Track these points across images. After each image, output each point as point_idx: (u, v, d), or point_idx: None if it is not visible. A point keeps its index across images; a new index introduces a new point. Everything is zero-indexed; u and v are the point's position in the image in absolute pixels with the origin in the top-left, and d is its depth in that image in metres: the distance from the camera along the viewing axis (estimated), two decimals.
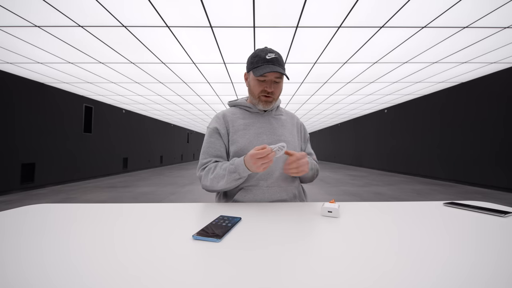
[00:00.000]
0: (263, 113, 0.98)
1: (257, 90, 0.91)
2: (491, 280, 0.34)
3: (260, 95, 0.91)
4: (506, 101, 4.52)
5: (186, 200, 4.11)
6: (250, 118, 0.96)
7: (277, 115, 1.01)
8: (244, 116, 0.97)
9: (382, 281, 0.34)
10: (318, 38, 3.23)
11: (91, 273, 0.36)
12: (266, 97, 0.91)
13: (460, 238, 0.51)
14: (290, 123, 1.02)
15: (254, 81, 0.91)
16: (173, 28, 2.93)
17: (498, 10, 2.55)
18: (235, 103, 1.01)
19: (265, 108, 0.94)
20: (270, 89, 0.89)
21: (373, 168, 9.66)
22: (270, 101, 0.92)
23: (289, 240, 0.50)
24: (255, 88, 0.91)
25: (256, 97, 0.92)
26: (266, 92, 0.90)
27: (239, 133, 0.92)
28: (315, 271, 0.37)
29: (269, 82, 0.89)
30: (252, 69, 0.90)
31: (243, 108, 1.00)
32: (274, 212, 0.72)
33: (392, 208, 0.77)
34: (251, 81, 0.93)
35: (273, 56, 0.87)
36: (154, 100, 7.04)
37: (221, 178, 0.82)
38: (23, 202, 3.87)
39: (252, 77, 0.91)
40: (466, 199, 3.95)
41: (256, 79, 0.90)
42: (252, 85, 0.92)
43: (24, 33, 3.01)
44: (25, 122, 4.87)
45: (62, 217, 0.67)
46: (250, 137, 0.91)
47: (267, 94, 0.90)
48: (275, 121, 0.98)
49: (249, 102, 1.00)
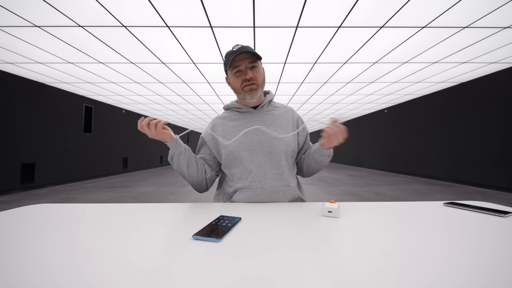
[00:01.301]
0: (253, 111, 0.96)
1: (237, 83, 0.90)
2: (491, 280, 0.34)
3: (242, 86, 0.89)
4: (506, 101, 4.52)
5: (186, 200, 4.11)
6: (240, 119, 0.95)
7: (269, 111, 0.98)
8: (235, 117, 0.96)
9: (382, 281, 0.34)
10: (318, 38, 3.23)
11: (91, 273, 0.36)
12: (248, 86, 0.88)
13: (460, 238, 0.51)
14: (285, 118, 0.98)
15: (233, 77, 0.90)
16: (173, 28, 2.93)
17: (498, 10, 2.55)
18: (228, 106, 1.01)
19: (252, 98, 0.90)
20: (248, 75, 0.87)
21: (373, 168, 9.66)
22: (254, 88, 0.89)
23: (289, 240, 0.50)
24: (236, 83, 0.91)
25: (240, 90, 0.90)
26: (245, 80, 0.88)
27: (228, 136, 0.92)
28: (315, 271, 0.37)
29: (245, 70, 0.88)
30: (227, 68, 0.91)
31: (234, 110, 0.99)
32: (274, 212, 0.72)
33: (392, 208, 0.77)
34: (231, 80, 0.93)
35: (239, 46, 0.87)
36: (154, 100, 7.04)
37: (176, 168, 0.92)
38: (23, 202, 3.87)
39: (230, 75, 0.91)
40: (466, 199, 3.95)
41: (233, 75, 0.90)
42: (233, 82, 0.92)
43: (24, 33, 3.00)
44: (25, 122, 4.87)
45: (62, 217, 0.67)
46: (239, 137, 0.89)
47: (247, 82, 0.88)
48: (267, 118, 0.95)
49: (238, 103, 0.99)
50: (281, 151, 0.89)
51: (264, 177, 0.87)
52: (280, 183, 0.88)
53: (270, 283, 0.34)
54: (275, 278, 0.35)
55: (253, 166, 0.87)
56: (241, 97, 0.93)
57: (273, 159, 0.88)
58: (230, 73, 0.91)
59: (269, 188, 0.86)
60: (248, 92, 0.89)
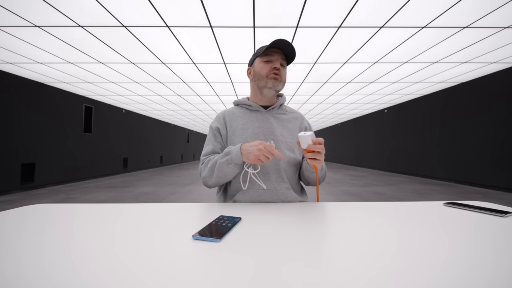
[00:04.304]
0: (263, 110, 0.96)
1: (265, 69, 0.90)
2: (491, 280, 0.34)
3: (268, 73, 0.90)
4: (506, 101, 4.52)
5: (186, 200, 4.11)
6: (249, 117, 0.95)
7: (279, 114, 0.98)
8: (244, 115, 0.96)
9: (382, 281, 0.34)
10: (318, 38, 3.23)
11: (91, 273, 0.36)
12: (275, 75, 0.90)
13: (460, 238, 0.51)
14: (293, 123, 0.98)
15: (261, 64, 0.91)
16: (173, 28, 2.93)
17: (498, 10, 2.55)
18: (238, 102, 1.01)
19: (273, 88, 0.91)
20: (278, 65, 0.89)
21: (373, 168, 9.66)
22: (279, 80, 0.90)
23: (289, 240, 0.50)
24: (262, 70, 0.91)
25: (265, 77, 0.90)
26: (275, 69, 0.89)
27: (236, 133, 0.92)
28: (315, 271, 0.37)
29: (276, 62, 0.90)
30: (257, 56, 0.91)
31: (244, 107, 0.99)
32: (274, 212, 0.72)
33: (392, 208, 0.77)
34: (256, 67, 0.93)
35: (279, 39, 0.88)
36: (154, 100, 7.04)
37: (214, 164, 0.84)
38: (23, 202, 3.87)
39: (258, 62, 0.92)
40: (466, 199, 3.96)
41: (262, 62, 0.91)
42: (259, 68, 0.92)
43: (24, 33, 3.01)
44: (25, 122, 4.87)
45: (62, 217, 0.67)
46: (247, 137, 0.90)
47: (275, 71, 0.89)
48: (275, 121, 0.95)
49: (250, 100, 0.99)
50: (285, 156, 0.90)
51: (268, 179, 0.87)
52: (283, 186, 0.88)
53: (270, 283, 0.34)
54: (275, 278, 0.35)
55: (257, 166, 0.88)
56: (261, 86, 0.93)
57: (277, 162, 0.89)
58: (259, 61, 0.92)
59: (271, 190, 0.87)
60: (272, 79, 0.90)
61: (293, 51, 0.90)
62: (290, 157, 0.90)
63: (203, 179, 0.88)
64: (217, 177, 0.84)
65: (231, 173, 0.84)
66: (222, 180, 0.86)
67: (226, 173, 0.83)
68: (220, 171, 0.82)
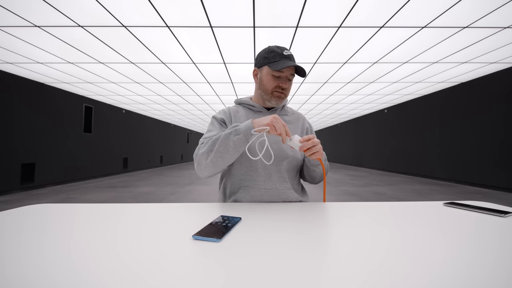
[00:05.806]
0: (266, 111, 0.96)
1: (271, 85, 0.89)
2: (491, 280, 0.34)
3: (273, 90, 0.90)
4: (506, 101, 4.52)
5: (186, 200, 4.11)
6: (252, 117, 0.95)
7: (281, 115, 0.99)
8: (247, 115, 0.96)
9: (382, 281, 0.34)
10: (318, 38, 3.23)
11: (92, 273, 0.36)
12: (279, 93, 0.90)
13: (460, 238, 0.51)
14: (295, 125, 0.99)
15: (269, 76, 0.89)
16: (173, 28, 2.93)
17: (498, 10, 2.55)
18: (240, 101, 1.01)
19: (277, 105, 0.93)
20: (285, 85, 0.88)
21: (373, 168, 9.66)
22: (282, 98, 0.91)
23: (289, 240, 0.50)
24: (269, 84, 0.90)
25: (270, 92, 0.90)
26: (280, 88, 0.89)
27: None
28: (315, 271, 0.37)
29: (285, 78, 0.89)
30: (268, 64, 0.87)
31: (247, 107, 0.99)
32: (274, 212, 0.72)
33: (392, 208, 0.77)
34: (264, 76, 0.91)
35: (290, 53, 0.88)
36: (154, 100, 7.04)
37: (217, 139, 0.78)
38: (23, 202, 3.87)
39: (267, 72, 0.90)
40: (466, 199, 3.96)
41: (271, 74, 0.89)
42: (266, 80, 0.90)
43: (24, 33, 3.01)
44: (25, 122, 4.87)
45: (62, 217, 0.67)
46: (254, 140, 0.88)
47: (281, 90, 0.89)
48: None
49: (253, 101, 0.99)
50: (287, 156, 0.90)
51: (269, 178, 0.87)
52: (284, 186, 0.88)
53: (270, 283, 0.34)
54: (275, 278, 0.35)
55: (259, 165, 0.88)
56: (265, 98, 0.93)
57: (279, 162, 0.89)
58: (267, 71, 0.89)
59: (272, 190, 0.87)
60: (277, 98, 0.91)
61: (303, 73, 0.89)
62: (292, 157, 0.91)
63: (197, 158, 0.81)
64: (217, 153, 0.77)
65: (234, 150, 0.77)
66: (219, 161, 0.78)
67: (228, 148, 0.77)
68: (223, 144, 0.76)
